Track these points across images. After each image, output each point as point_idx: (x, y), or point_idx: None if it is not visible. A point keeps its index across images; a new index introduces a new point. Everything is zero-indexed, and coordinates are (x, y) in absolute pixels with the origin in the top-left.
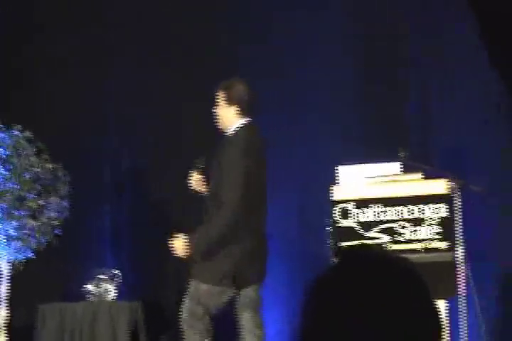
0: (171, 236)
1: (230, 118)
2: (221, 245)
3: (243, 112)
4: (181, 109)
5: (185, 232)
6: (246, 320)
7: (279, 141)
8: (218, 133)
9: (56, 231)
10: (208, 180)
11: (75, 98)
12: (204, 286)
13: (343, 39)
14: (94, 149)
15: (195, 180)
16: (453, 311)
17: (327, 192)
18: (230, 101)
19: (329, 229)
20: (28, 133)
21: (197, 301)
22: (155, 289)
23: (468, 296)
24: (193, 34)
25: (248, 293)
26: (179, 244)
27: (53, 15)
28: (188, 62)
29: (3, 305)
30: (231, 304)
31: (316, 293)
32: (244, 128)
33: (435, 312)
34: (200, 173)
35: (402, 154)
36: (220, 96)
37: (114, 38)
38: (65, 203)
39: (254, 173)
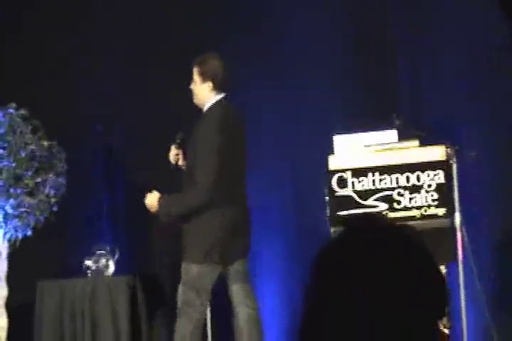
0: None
1: (205, 94)
2: (203, 223)
3: (218, 87)
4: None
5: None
6: (236, 292)
7: (273, 113)
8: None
9: (54, 208)
10: (185, 154)
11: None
12: (194, 268)
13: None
14: (87, 125)
15: (174, 155)
16: (451, 275)
17: (323, 162)
18: (205, 76)
19: (327, 198)
20: (23, 111)
21: (189, 286)
22: (151, 263)
23: (464, 261)
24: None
25: (235, 267)
26: (152, 200)
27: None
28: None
29: (3, 284)
30: (220, 280)
31: (321, 264)
32: (218, 104)
33: (442, 280)
34: (178, 148)
35: (397, 121)
36: (195, 72)
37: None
38: (61, 180)
39: (230, 149)
